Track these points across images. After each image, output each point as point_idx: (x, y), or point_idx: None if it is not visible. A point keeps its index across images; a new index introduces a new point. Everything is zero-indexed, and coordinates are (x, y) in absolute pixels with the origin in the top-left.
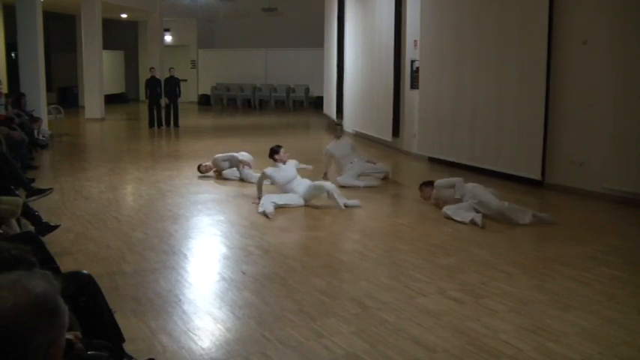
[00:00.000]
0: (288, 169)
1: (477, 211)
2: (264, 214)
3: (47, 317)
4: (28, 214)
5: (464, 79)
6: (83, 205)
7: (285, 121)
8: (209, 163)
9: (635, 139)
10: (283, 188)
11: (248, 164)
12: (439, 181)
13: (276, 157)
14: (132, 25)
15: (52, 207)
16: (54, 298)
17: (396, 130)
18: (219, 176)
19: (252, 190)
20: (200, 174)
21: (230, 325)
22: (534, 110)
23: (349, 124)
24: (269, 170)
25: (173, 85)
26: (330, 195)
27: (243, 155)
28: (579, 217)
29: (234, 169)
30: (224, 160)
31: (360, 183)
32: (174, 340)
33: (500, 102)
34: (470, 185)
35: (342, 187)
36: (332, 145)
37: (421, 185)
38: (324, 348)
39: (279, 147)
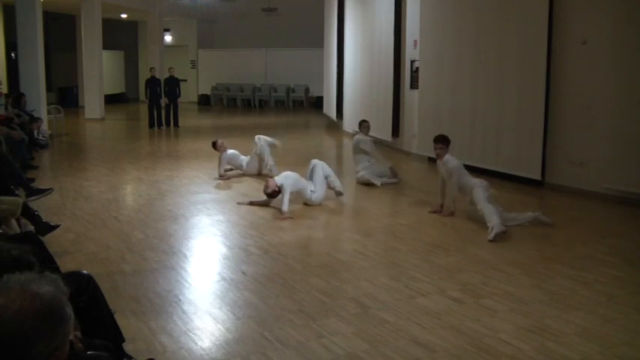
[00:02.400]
0: (289, 175)
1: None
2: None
3: (52, 324)
4: (28, 214)
5: (464, 79)
6: (83, 205)
7: (285, 120)
8: (224, 143)
9: (635, 139)
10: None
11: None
12: None
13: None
14: (132, 25)
15: (52, 207)
16: (60, 305)
17: (395, 130)
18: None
19: (253, 191)
20: (215, 150)
21: (230, 325)
22: (534, 110)
23: (349, 124)
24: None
25: (173, 85)
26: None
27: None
28: (579, 217)
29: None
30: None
31: (378, 181)
32: (174, 340)
33: (500, 102)
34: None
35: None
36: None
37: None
38: (324, 348)
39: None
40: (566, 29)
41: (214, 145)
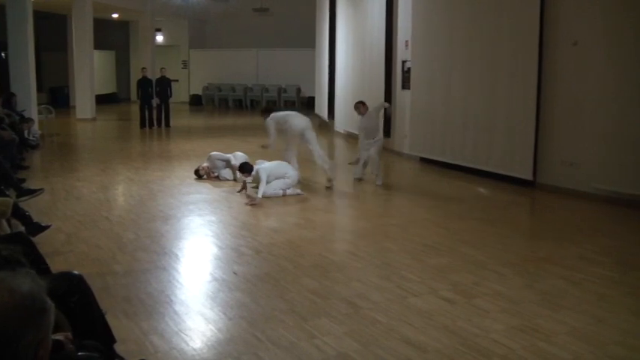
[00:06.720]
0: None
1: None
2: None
3: (35, 316)
4: (19, 214)
5: (455, 79)
6: (74, 205)
7: None
8: (206, 165)
9: (625, 140)
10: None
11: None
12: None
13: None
14: (123, 25)
15: (43, 207)
16: (40, 296)
17: (387, 131)
18: (212, 177)
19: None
20: (197, 177)
21: (221, 325)
22: (526, 110)
23: (340, 124)
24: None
25: (164, 85)
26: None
27: (237, 156)
28: (570, 217)
29: (229, 170)
30: (220, 160)
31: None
32: (166, 341)
33: (491, 102)
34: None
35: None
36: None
37: None
38: (316, 348)
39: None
40: (557, 30)
41: (196, 172)
